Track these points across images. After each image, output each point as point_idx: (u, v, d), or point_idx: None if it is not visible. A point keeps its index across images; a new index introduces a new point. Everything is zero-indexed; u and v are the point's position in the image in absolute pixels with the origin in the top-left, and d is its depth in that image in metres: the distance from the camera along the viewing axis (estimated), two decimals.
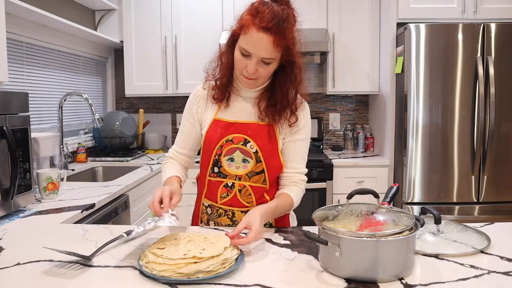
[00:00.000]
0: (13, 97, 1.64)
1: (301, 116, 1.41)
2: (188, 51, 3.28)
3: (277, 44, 1.22)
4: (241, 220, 1.20)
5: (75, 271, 1.03)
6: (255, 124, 1.38)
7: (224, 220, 1.43)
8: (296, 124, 1.39)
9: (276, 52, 1.24)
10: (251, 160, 1.36)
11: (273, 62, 1.28)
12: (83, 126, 3.25)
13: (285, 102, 1.36)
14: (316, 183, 2.94)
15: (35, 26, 2.51)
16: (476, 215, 2.78)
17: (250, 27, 1.23)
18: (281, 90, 1.35)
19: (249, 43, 1.24)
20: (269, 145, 1.37)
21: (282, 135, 1.40)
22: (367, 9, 3.25)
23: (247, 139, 1.36)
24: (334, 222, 1.03)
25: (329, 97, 3.67)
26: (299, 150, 1.42)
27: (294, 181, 1.41)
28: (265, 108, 1.37)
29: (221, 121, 1.40)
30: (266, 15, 1.21)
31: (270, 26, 1.20)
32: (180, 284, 0.95)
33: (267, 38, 1.21)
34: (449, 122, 2.74)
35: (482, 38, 2.69)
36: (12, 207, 1.60)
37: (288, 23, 1.24)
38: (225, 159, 1.37)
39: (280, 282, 0.96)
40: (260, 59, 1.25)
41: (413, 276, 0.97)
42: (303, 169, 1.43)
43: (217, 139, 1.38)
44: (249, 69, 1.27)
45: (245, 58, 1.27)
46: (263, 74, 1.30)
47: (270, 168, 1.38)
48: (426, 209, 1.25)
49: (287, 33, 1.23)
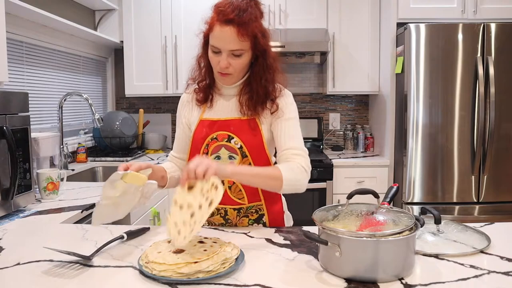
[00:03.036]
0: (13, 97, 1.64)
1: (282, 102, 1.39)
2: (188, 51, 3.27)
3: (242, 34, 1.26)
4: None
5: (75, 271, 1.03)
6: (237, 120, 1.39)
7: (217, 219, 1.44)
8: (277, 111, 1.38)
9: (243, 41, 1.27)
10: (237, 156, 1.37)
11: (244, 53, 1.30)
12: (83, 126, 3.25)
13: (263, 92, 1.37)
14: (316, 183, 2.94)
15: (35, 26, 2.51)
16: (476, 215, 2.78)
17: (215, 24, 1.29)
18: (257, 80, 1.36)
19: (216, 39, 1.29)
20: (253, 139, 1.37)
21: (266, 126, 1.39)
22: (367, 9, 3.25)
23: (231, 135, 1.37)
24: (334, 222, 1.03)
25: (329, 97, 3.67)
26: (284, 128, 1.37)
27: (286, 157, 1.34)
28: (246, 102, 1.38)
29: (206, 121, 1.42)
30: (227, 9, 1.26)
31: (231, 17, 1.25)
32: (180, 284, 0.95)
33: (230, 30, 1.26)
34: (449, 122, 2.74)
35: (482, 38, 2.69)
36: (12, 207, 1.60)
37: (250, 13, 1.27)
38: (212, 157, 1.39)
39: (280, 282, 0.96)
40: (229, 52, 1.29)
41: (413, 276, 0.97)
42: (294, 145, 1.35)
43: (203, 138, 1.40)
44: (221, 64, 1.30)
45: (217, 55, 1.31)
46: (237, 68, 1.33)
47: (256, 162, 1.38)
48: (426, 209, 1.25)
49: (250, 22, 1.27)
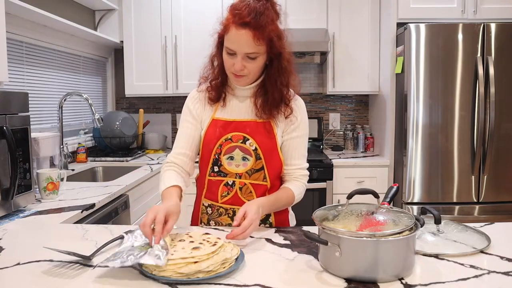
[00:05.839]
0: (13, 97, 1.64)
1: (298, 112, 1.42)
2: (188, 51, 3.28)
3: (258, 38, 1.25)
4: (239, 210, 1.23)
5: (75, 271, 1.03)
6: (253, 122, 1.39)
7: (224, 219, 1.43)
8: (291, 116, 1.40)
9: (258, 45, 1.27)
10: (251, 157, 1.37)
11: (259, 57, 1.30)
12: (83, 126, 3.25)
13: (278, 95, 1.37)
14: (316, 183, 2.94)
15: (35, 26, 2.51)
16: (476, 215, 2.78)
17: (230, 26, 1.27)
18: (272, 83, 1.37)
19: (231, 41, 1.28)
20: (268, 142, 1.38)
21: (280, 130, 1.41)
22: (367, 9, 3.25)
23: (246, 137, 1.37)
24: (334, 222, 1.03)
25: (329, 97, 3.67)
26: (298, 146, 1.43)
27: (295, 176, 1.44)
28: (261, 104, 1.38)
29: (219, 120, 1.41)
30: (243, 12, 1.25)
31: (247, 21, 1.24)
32: (180, 284, 0.95)
33: (247, 33, 1.25)
34: (449, 122, 2.74)
35: (482, 38, 2.69)
36: (12, 207, 1.60)
37: (266, 16, 1.26)
38: (224, 158, 1.38)
39: (280, 282, 0.96)
40: (244, 55, 1.29)
41: (413, 276, 0.97)
42: (304, 165, 1.46)
43: (216, 138, 1.39)
44: (236, 67, 1.30)
45: (232, 57, 1.31)
46: (251, 70, 1.32)
47: (269, 165, 1.39)
48: (426, 209, 1.25)
49: (266, 26, 1.26)
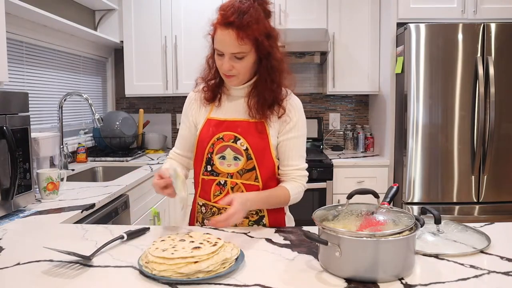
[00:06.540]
0: (13, 97, 1.64)
1: (292, 112, 1.40)
2: (188, 51, 3.28)
3: (241, 37, 1.25)
4: (226, 197, 1.27)
5: (75, 271, 1.03)
6: (245, 122, 1.39)
7: None
8: (285, 116, 1.39)
9: (242, 45, 1.27)
10: (242, 157, 1.37)
11: (246, 56, 1.30)
12: (83, 126, 3.25)
13: (269, 95, 1.37)
14: (316, 183, 2.94)
15: (35, 26, 2.51)
16: (476, 215, 2.78)
17: (217, 27, 1.29)
18: (262, 83, 1.37)
19: (218, 42, 1.30)
20: (259, 142, 1.38)
21: (274, 130, 1.40)
22: (367, 9, 3.25)
23: (237, 136, 1.38)
24: (334, 222, 1.03)
25: (329, 97, 3.67)
26: (295, 147, 1.42)
27: (293, 177, 1.43)
28: (254, 104, 1.38)
29: (213, 120, 1.42)
30: (228, 12, 1.26)
31: (231, 20, 1.25)
32: (180, 284, 0.95)
33: (230, 33, 1.26)
34: (449, 122, 2.74)
35: (482, 38, 2.69)
36: (12, 207, 1.60)
37: (250, 15, 1.26)
38: (217, 157, 1.39)
39: (280, 282, 0.96)
40: (231, 55, 1.29)
41: (413, 276, 0.97)
42: (302, 165, 1.44)
43: (209, 138, 1.40)
44: (224, 67, 1.31)
45: (220, 57, 1.32)
46: (240, 70, 1.33)
47: (261, 165, 1.38)
48: (426, 209, 1.25)
49: (250, 25, 1.25)
